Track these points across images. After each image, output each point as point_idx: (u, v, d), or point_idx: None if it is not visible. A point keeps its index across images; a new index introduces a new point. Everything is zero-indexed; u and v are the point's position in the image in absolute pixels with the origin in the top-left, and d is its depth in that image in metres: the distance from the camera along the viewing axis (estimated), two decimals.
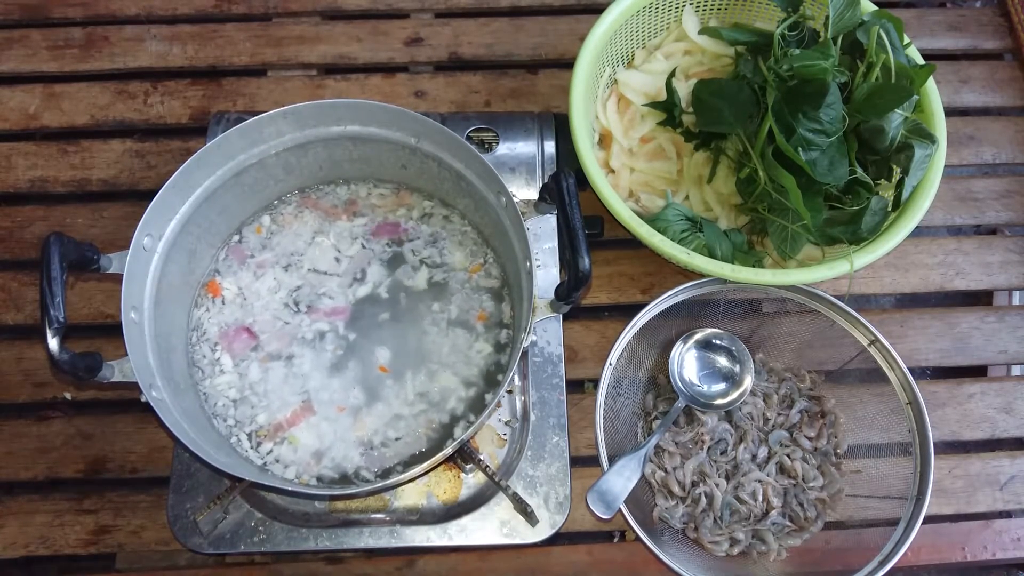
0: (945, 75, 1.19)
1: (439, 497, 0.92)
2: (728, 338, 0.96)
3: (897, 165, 0.95)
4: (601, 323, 1.04)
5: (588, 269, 0.77)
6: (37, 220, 1.07)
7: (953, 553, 0.97)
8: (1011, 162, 1.16)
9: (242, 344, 0.93)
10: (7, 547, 0.93)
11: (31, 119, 1.13)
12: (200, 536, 0.88)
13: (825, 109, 0.88)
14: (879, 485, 0.93)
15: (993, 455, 1.01)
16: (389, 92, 1.16)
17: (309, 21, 1.20)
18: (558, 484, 0.92)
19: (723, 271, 0.91)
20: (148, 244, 0.84)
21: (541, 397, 0.95)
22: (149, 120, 1.13)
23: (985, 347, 1.06)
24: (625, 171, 1.05)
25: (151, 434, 0.97)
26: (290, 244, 0.99)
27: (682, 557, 0.87)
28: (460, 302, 0.96)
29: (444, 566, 0.93)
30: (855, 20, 0.94)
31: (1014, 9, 1.23)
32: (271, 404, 0.91)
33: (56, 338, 0.72)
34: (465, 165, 0.92)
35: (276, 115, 0.88)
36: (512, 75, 1.17)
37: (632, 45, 1.10)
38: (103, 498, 0.95)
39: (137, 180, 1.09)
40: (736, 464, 0.94)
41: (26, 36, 1.17)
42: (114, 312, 1.02)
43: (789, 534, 0.93)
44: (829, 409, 0.98)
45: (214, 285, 0.96)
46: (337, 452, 0.89)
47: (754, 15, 1.10)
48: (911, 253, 1.10)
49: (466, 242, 1.00)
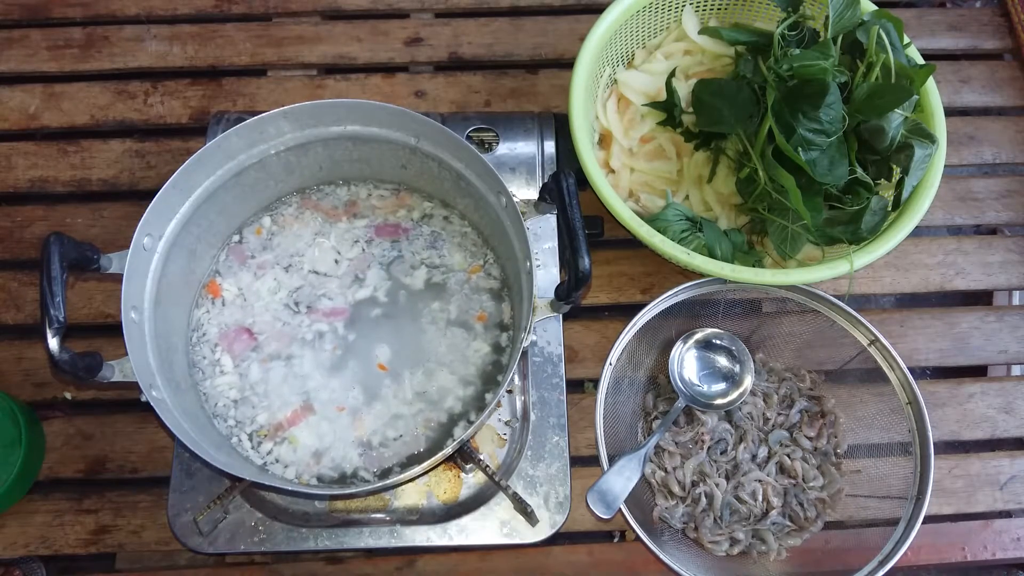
0: (945, 75, 1.19)
1: (439, 497, 0.92)
2: (728, 338, 0.96)
3: (897, 165, 0.95)
4: (601, 323, 1.05)
5: (588, 269, 0.77)
6: (37, 220, 1.07)
7: (953, 553, 0.97)
8: (1011, 162, 1.16)
9: (242, 345, 0.93)
10: (7, 547, 0.93)
11: (31, 119, 1.13)
12: (200, 536, 0.88)
13: (825, 109, 0.88)
14: (879, 485, 0.93)
15: (993, 455, 1.01)
16: (389, 92, 1.16)
17: (309, 21, 1.20)
18: (558, 484, 0.92)
19: (723, 271, 0.91)
20: (148, 244, 0.84)
21: (541, 397, 0.95)
22: (149, 120, 1.13)
23: (985, 347, 1.06)
24: (625, 171, 1.05)
25: (151, 434, 0.97)
26: (290, 245, 0.99)
27: (682, 557, 0.87)
28: (460, 302, 0.96)
29: (444, 566, 0.93)
30: (855, 20, 0.94)
31: (1014, 9, 1.23)
32: (271, 404, 0.91)
33: (56, 338, 0.72)
34: (465, 165, 0.92)
35: (276, 115, 0.88)
36: (512, 75, 1.17)
37: (632, 45, 1.10)
38: (103, 498, 0.95)
39: (137, 180, 1.10)
40: (736, 464, 0.94)
41: (26, 36, 1.17)
42: (114, 312, 1.03)
43: (789, 534, 0.93)
44: (829, 409, 0.98)
45: (214, 286, 0.96)
46: (337, 452, 0.89)
47: (754, 15, 1.10)
48: (911, 253, 1.10)
49: (466, 242, 1.00)
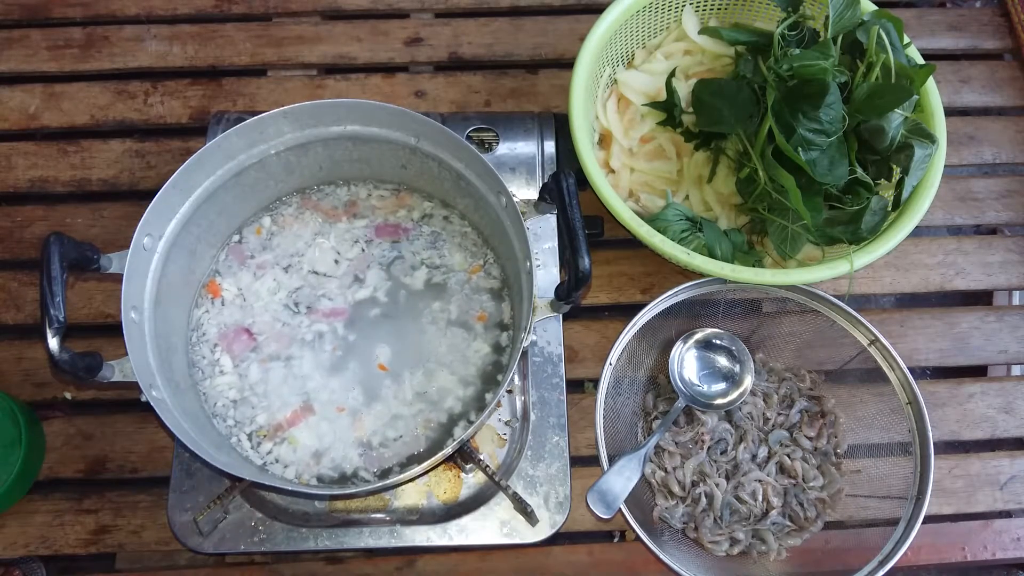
0: (945, 75, 1.19)
1: (439, 497, 0.92)
2: (728, 338, 0.96)
3: (897, 165, 0.95)
4: (601, 323, 1.05)
5: (588, 269, 0.77)
6: (37, 220, 1.07)
7: (953, 553, 0.97)
8: (1011, 162, 1.16)
9: (241, 345, 0.93)
10: (7, 547, 0.93)
11: (31, 119, 1.13)
12: (200, 536, 0.88)
13: (825, 109, 0.88)
14: (879, 485, 0.93)
15: (993, 455, 1.01)
16: (389, 92, 1.16)
17: (309, 21, 1.20)
18: (558, 484, 0.92)
19: (723, 271, 0.91)
20: (148, 244, 0.84)
21: (541, 397, 0.95)
22: (149, 120, 1.13)
23: (985, 347, 1.06)
24: (625, 171, 1.05)
25: (151, 434, 0.97)
26: (290, 245, 0.99)
27: (682, 557, 0.87)
28: (460, 303, 0.96)
29: (444, 566, 0.93)
30: (855, 20, 0.94)
31: (1014, 9, 1.23)
32: (271, 405, 0.91)
33: (56, 338, 0.72)
34: (465, 165, 0.92)
35: (276, 115, 0.88)
36: (512, 75, 1.17)
37: (632, 45, 1.10)
38: (103, 498, 0.95)
39: (137, 180, 1.09)
40: (736, 464, 0.94)
41: (26, 36, 1.17)
42: (114, 312, 1.03)
43: (789, 534, 0.93)
44: (829, 409, 0.98)
45: (214, 286, 0.96)
46: (336, 452, 0.89)
47: (754, 15, 1.10)
48: (911, 253, 1.10)
49: (466, 243, 1.00)
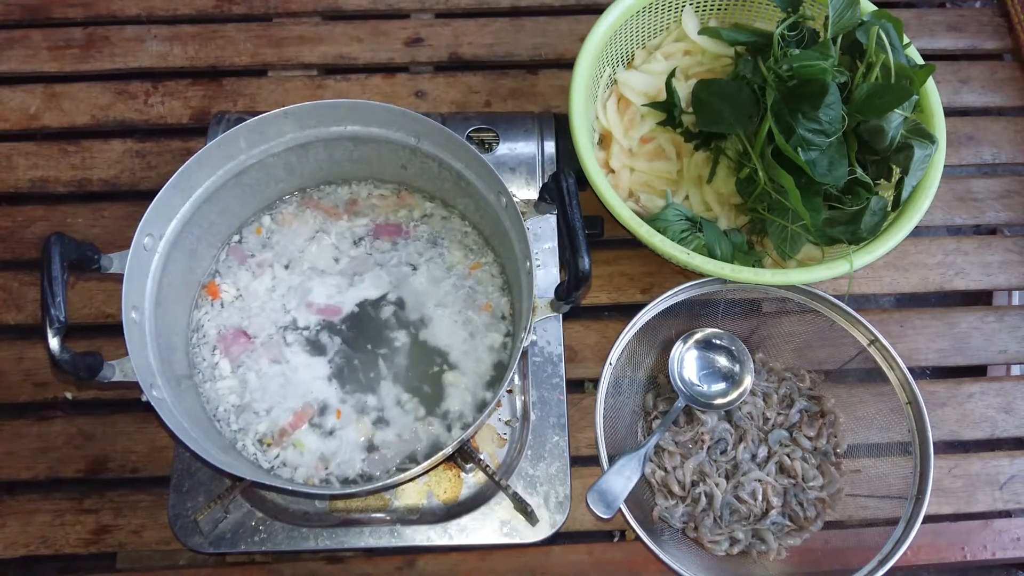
0: (945, 75, 1.19)
1: (439, 497, 0.92)
2: (728, 338, 0.96)
3: (897, 165, 0.95)
4: (601, 323, 1.05)
5: (588, 269, 0.77)
6: (38, 220, 1.08)
7: (953, 553, 0.97)
8: (1011, 162, 1.17)
9: (240, 347, 0.93)
10: (7, 547, 0.93)
11: (32, 119, 1.13)
12: (200, 536, 0.88)
13: (825, 109, 0.88)
14: (879, 485, 0.93)
15: (993, 455, 1.01)
16: (389, 92, 1.16)
17: (309, 21, 1.20)
18: (558, 484, 0.92)
19: (723, 271, 0.91)
20: (149, 244, 0.84)
21: (541, 397, 0.95)
22: (150, 120, 1.13)
23: (985, 347, 1.06)
24: (625, 171, 1.05)
25: (152, 434, 0.97)
26: (290, 244, 0.99)
27: (682, 557, 0.87)
28: (460, 302, 0.96)
29: (444, 566, 0.93)
30: (855, 20, 0.94)
31: (1014, 9, 1.23)
32: (271, 407, 0.91)
33: (57, 338, 0.72)
34: (465, 165, 0.92)
35: (277, 115, 0.88)
36: (512, 75, 1.17)
37: (632, 45, 1.10)
38: (104, 498, 0.95)
39: (137, 180, 1.10)
40: (736, 464, 0.94)
41: (27, 36, 1.17)
42: (115, 312, 1.03)
43: (789, 534, 0.93)
44: (829, 409, 0.98)
45: (213, 287, 0.96)
46: (338, 453, 0.89)
47: (754, 15, 1.10)
48: (911, 253, 1.10)
49: (466, 242, 1.00)
